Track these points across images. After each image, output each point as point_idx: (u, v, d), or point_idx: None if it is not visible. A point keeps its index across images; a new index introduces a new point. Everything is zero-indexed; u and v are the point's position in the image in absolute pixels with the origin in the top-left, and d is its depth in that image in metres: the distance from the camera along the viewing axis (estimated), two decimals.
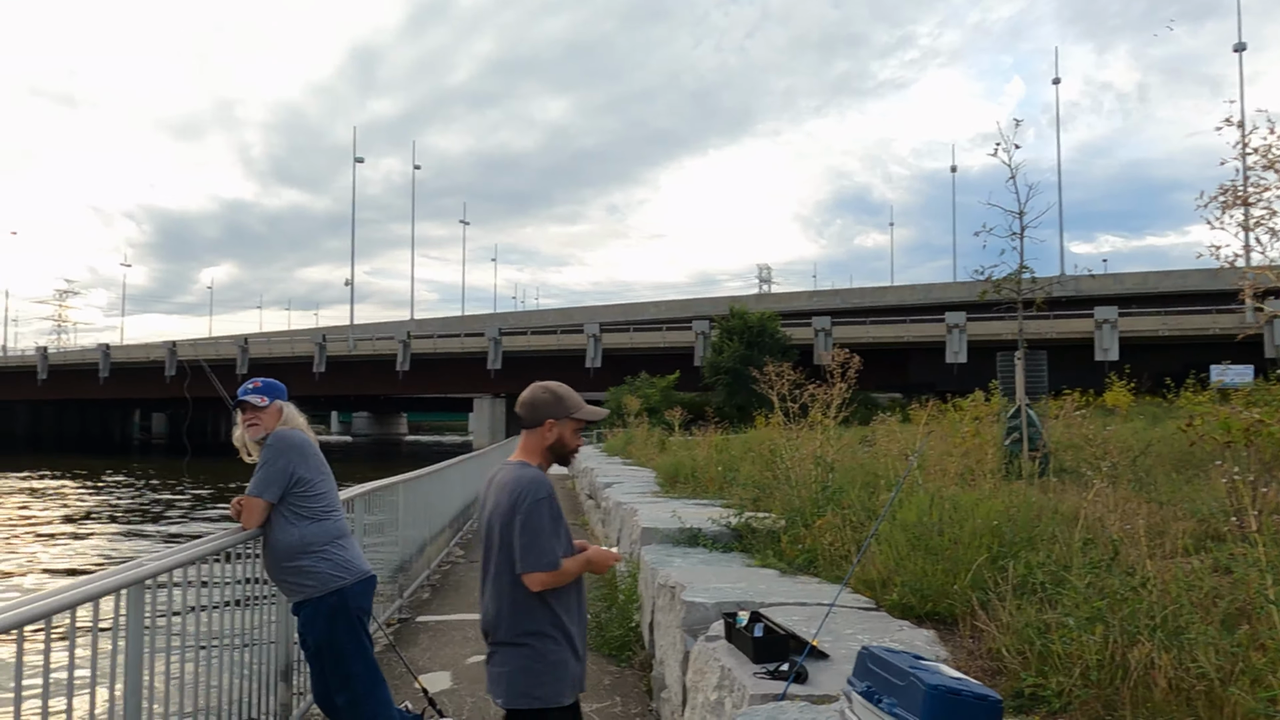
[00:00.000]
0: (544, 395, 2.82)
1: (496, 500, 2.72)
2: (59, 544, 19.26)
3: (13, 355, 76.49)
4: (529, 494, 2.64)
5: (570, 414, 2.82)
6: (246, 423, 3.81)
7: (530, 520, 2.61)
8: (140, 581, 2.88)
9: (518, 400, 2.90)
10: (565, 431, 2.81)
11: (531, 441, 2.81)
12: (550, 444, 2.80)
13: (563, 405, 2.81)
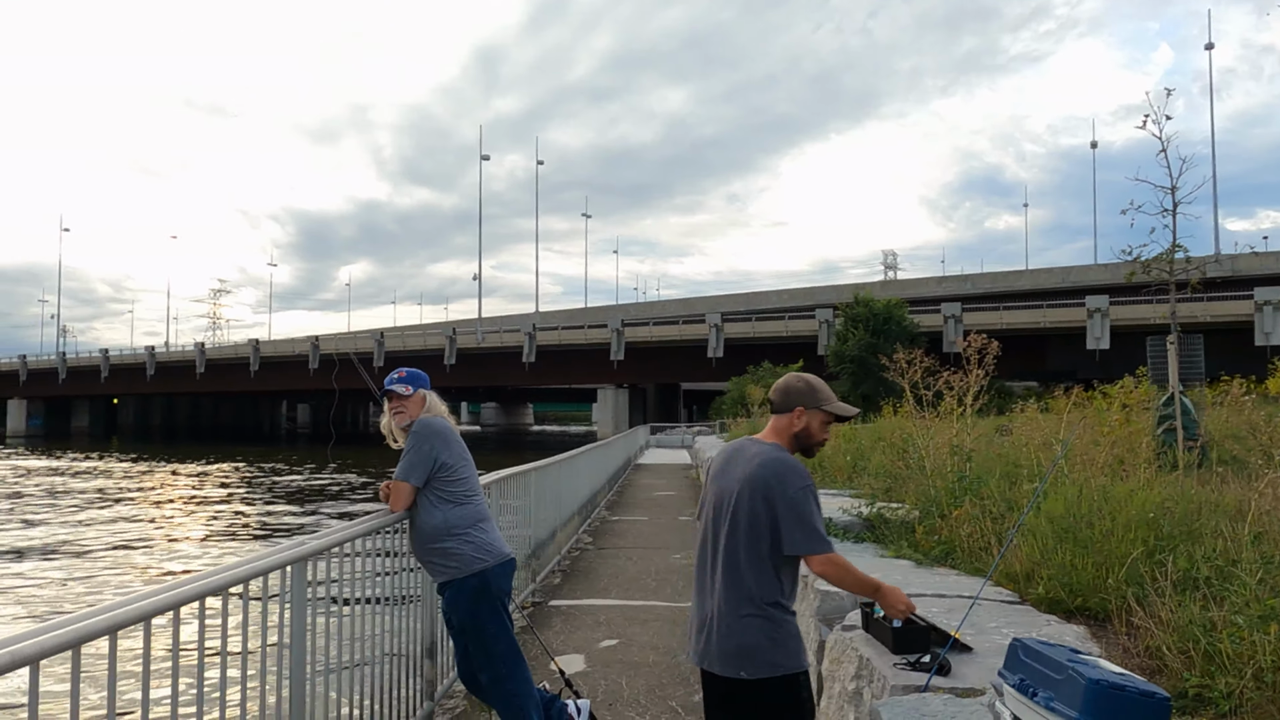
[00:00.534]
0: (798, 384, 2.87)
1: (746, 474, 2.73)
2: (225, 523, 20.67)
3: (175, 351, 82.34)
4: (795, 479, 2.66)
5: (821, 405, 2.83)
6: (393, 411, 3.98)
7: (801, 505, 2.63)
8: (303, 559, 3.06)
9: (772, 386, 2.95)
10: (813, 422, 2.82)
11: (780, 427, 2.84)
12: (797, 431, 2.81)
13: (815, 396, 2.83)
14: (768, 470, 2.68)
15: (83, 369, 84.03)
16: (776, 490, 2.64)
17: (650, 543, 11.13)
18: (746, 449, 2.85)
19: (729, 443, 3.05)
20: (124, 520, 21.23)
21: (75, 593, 12.98)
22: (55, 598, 12.60)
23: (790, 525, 2.62)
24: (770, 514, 2.64)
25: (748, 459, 2.78)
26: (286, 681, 3.00)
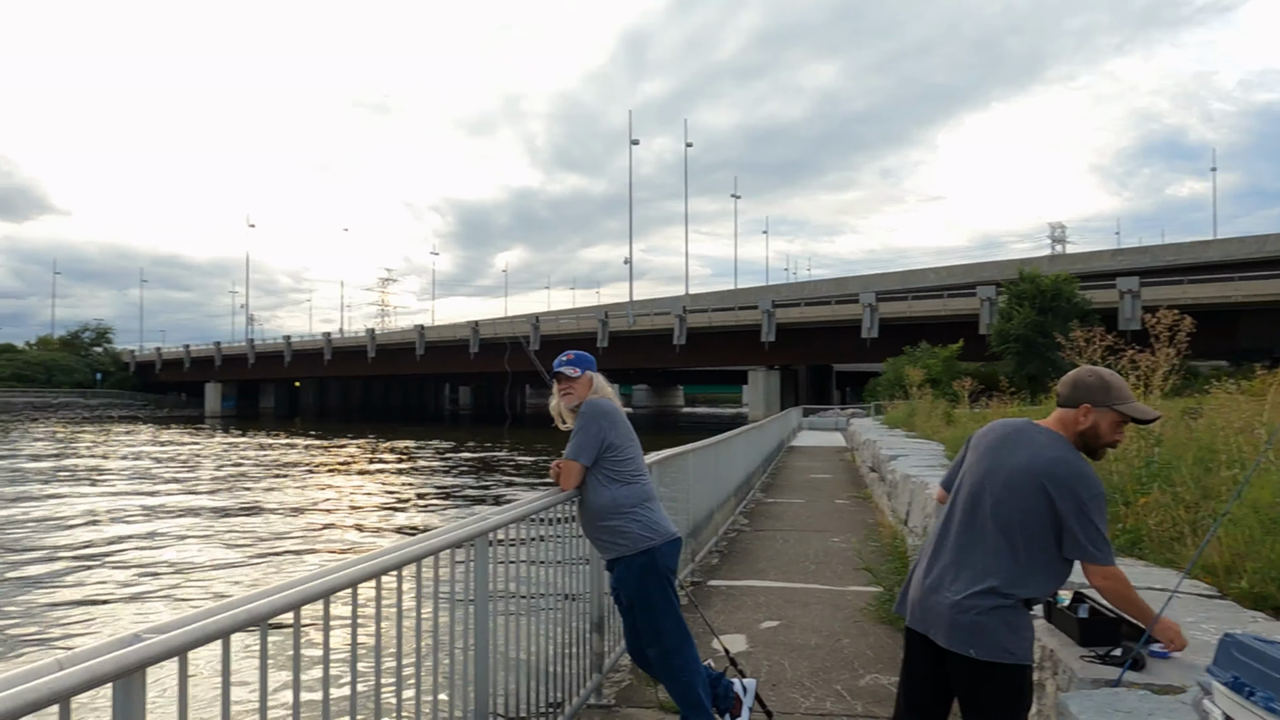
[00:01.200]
0: (1089, 378, 2.69)
1: (1029, 463, 2.63)
2: (407, 497, 21.92)
3: (348, 336, 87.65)
4: (1089, 486, 2.56)
5: (1113, 404, 2.63)
6: (561, 392, 4.11)
7: (1094, 514, 2.54)
8: (485, 534, 3.22)
9: (1062, 379, 2.81)
10: (1103, 422, 2.64)
11: (1065, 420, 2.71)
12: (1082, 430, 2.66)
13: (1108, 393, 2.63)
14: (1060, 469, 2.57)
15: (269, 354, 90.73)
16: (1068, 493, 2.54)
17: (808, 525, 11.02)
18: (1030, 434, 2.73)
19: (1001, 420, 2.93)
20: (317, 492, 22.86)
21: (267, 562, 14.08)
22: (260, 560, 13.72)
23: (1078, 532, 2.53)
24: (1052, 513, 2.56)
25: (1033, 447, 2.67)
26: (471, 648, 3.17)
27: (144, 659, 1.59)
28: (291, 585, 2.11)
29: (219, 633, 1.80)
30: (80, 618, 10.48)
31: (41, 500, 21.37)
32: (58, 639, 9.56)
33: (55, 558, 14.12)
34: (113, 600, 11.34)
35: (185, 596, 11.58)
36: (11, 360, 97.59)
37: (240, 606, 1.88)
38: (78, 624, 10.21)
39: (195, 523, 17.80)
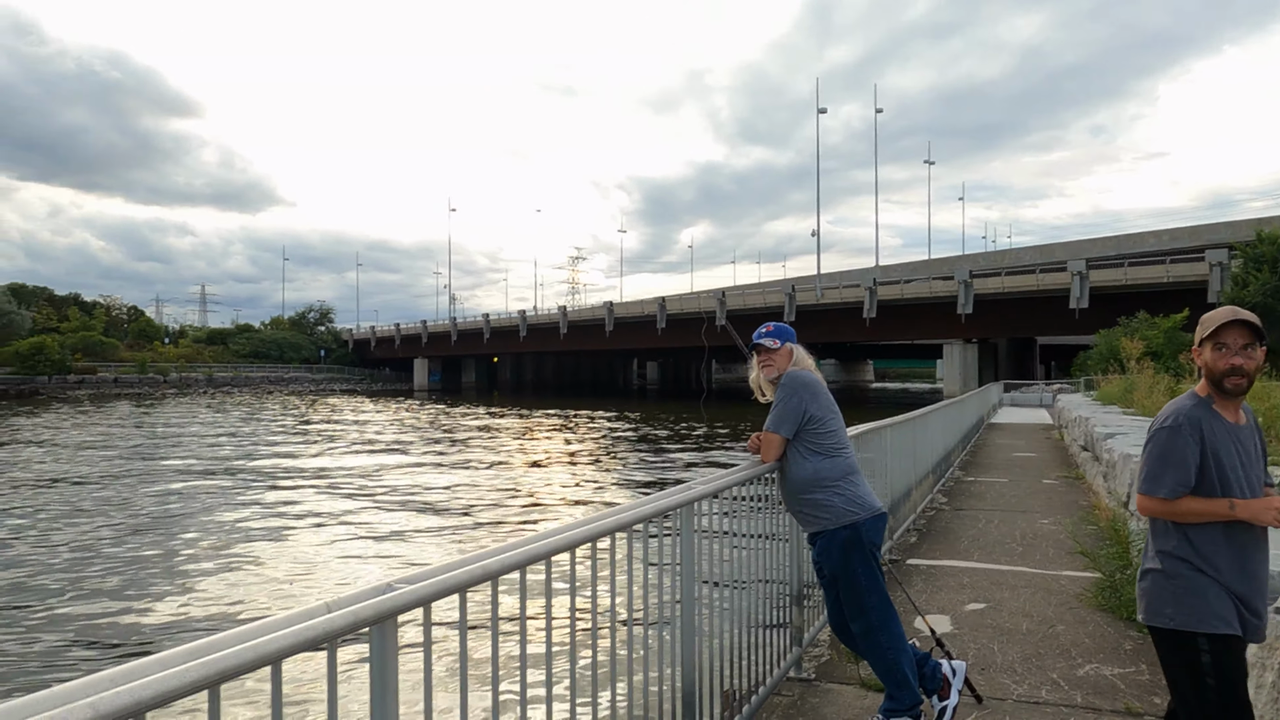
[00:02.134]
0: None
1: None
2: (601, 470, 22.68)
3: (541, 314, 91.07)
4: (1157, 420, 2.72)
5: (1201, 337, 2.71)
6: (761, 364, 4.09)
7: (1150, 446, 2.70)
8: (690, 504, 3.26)
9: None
10: (1204, 354, 2.70)
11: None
12: (1203, 370, 2.74)
13: (1200, 329, 2.71)
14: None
15: (469, 332, 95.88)
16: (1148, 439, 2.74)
17: (1012, 505, 10.48)
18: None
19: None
20: (517, 462, 24.06)
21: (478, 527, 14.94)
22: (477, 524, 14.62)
23: (1139, 470, 2.70)
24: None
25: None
26: (679, 617, 3.23)
27: (397, 606, 1.73)
28: (515, 546, 2.22)
29: (457, 586, 1.92)
30: (319, 564, 11.55)
31: (292, 459, 23.69)
32: (304, 580, 10.58)
33: (308, 514, 15.61)
34: (340, 556, 12.41)
35: (391, 554, 12.50)
36: (251, 339, 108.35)
37: (476, 562, 2.00)
38: (319, 570, 11.26)
39: (404, 485, 19.15)
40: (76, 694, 1.23)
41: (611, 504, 16.50)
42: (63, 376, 77.77)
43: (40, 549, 12.86)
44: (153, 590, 10.48)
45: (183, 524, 14.82)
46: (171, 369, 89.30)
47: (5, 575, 11.27)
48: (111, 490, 18.77)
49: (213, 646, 1.43)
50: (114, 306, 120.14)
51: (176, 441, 30.80)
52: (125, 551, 12.63)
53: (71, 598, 10.16)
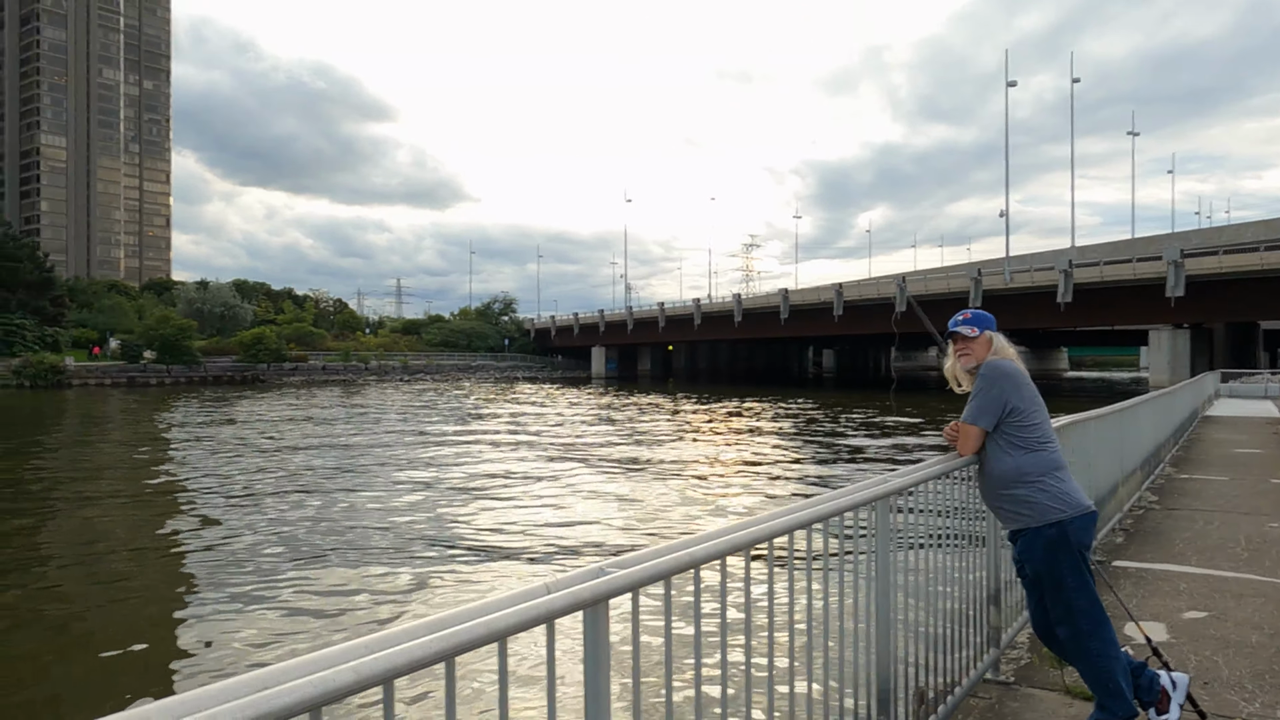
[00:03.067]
0: None
1: None
2: (783, 459, 22.58)
3: (716, 302, 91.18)
4: None
5: None
6: (958, 353, 3.93)
7: None
8: (885, 497, 3.20)
9: None
10: None
11: None
12: None
13: None
14: None
15: (645, 320, 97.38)
16: None
17: (1234, 506, 9.58)
18: None
19: None
20: (696, 448, 24.31)
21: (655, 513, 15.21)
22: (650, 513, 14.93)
23: None
24: None
25: None
26: (873, 612, 3.18)
27: (610, 590, 1.80)
28: (715, 536, 2.25)
29: (664, 573, 1.98)
30: (500, 538, 12.13)
31: (480, 444, 25.01)
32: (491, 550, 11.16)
33: (498, 495, 16.44)
34: (535, 532, 12.95)
35: (583, 537, 12.90)
36: (441, 329, 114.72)
37: (683, 550, 2.05)
38: (510, 545, 11.82)
39: (588, 469, 19.74)
40: (338, 659, 1.36)
41: (799, 495, 16.36)
42: (279, 364, 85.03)
43: (294, 522, 14.18)
44: (379, 556, 11.34)
45: (409, 496, 15.93)
46: (371, 357, 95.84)
47: (260, 538, 12.51)
48: (370, 459, 20.43)
49: (448, 621, 1.54)
50: (322, 300, 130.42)
51: (408, 418, 33.08)
52: (376, 520, 13.73)
53: (319, 564, 11.16)
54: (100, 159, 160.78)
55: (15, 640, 8.75)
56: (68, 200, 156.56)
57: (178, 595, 10.12)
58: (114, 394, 60.86)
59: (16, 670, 7.90)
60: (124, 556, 12.33)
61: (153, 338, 77.74)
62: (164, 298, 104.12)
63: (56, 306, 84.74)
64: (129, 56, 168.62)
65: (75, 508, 16.07)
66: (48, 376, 67.84)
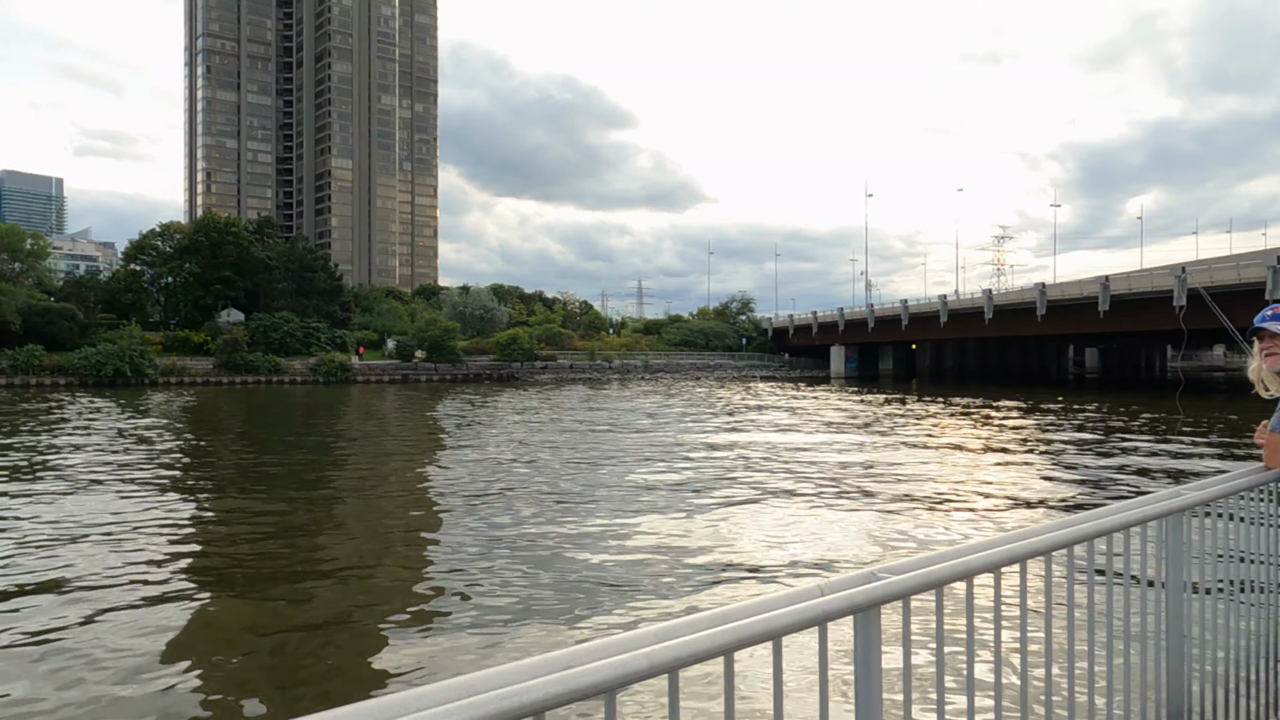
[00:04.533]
0: None
1: None
2: (1050, 467, 21.19)
3: (964, 299, 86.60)
4: None
5: None
6: (1264, 352, 3.52)
7: None
8: (1178, 512, 2.92)
9: None
10: None
11: None
12: None
13: None
14: None
15: (886, 318, 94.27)
16: None
17: None
18: None
19: None
20: (952, 454, 23.30)
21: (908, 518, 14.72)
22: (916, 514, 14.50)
23: None
24: None
25: None
26: (1164, 641, 2.91)
27: (884, 595, 1.79)
28: (990, 545, 2.16)
29: (936, 581, 1.93)
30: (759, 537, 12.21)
31: (743, 434, 25.41)
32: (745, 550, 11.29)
33: (767, 486, 16.65)
34: (791, 533, 12.96)
35: (836, 541, 12.72)
36: (680, 329, 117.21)
37: (956, 558, 2.00)
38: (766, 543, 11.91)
39: (839, 466, 19.42)
40: (631, 644, 1.45)
41: (1077, 507, 15.24)
42: (531, 363, 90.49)
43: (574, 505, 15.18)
44: (642, 538, 11.84)
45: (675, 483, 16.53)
46: (615, 356, 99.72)
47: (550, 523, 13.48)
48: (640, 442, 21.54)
49: (729, 616, 1.60)
50: (569, 301, 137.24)
51: (656, 419, 34.35)
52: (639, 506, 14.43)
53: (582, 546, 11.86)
54: (379, 177, 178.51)
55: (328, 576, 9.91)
56: (353, 216, 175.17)
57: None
58: (390, 389, 67.43)
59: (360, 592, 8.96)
60: (419, 540, 13.65)
61: (423, 338, 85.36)
62: (432, 302, 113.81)
63: (345, 311, 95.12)
64: (403, 83, 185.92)
65: (378, 483, 17.97)
66: (337, 373, 76.29)
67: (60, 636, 8.68)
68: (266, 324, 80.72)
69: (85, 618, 9.28)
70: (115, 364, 66.17)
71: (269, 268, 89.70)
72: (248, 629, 9.10)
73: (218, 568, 11.85)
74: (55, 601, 9.92)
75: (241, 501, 16.74)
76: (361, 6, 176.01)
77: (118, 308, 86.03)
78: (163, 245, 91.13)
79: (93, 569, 11.30)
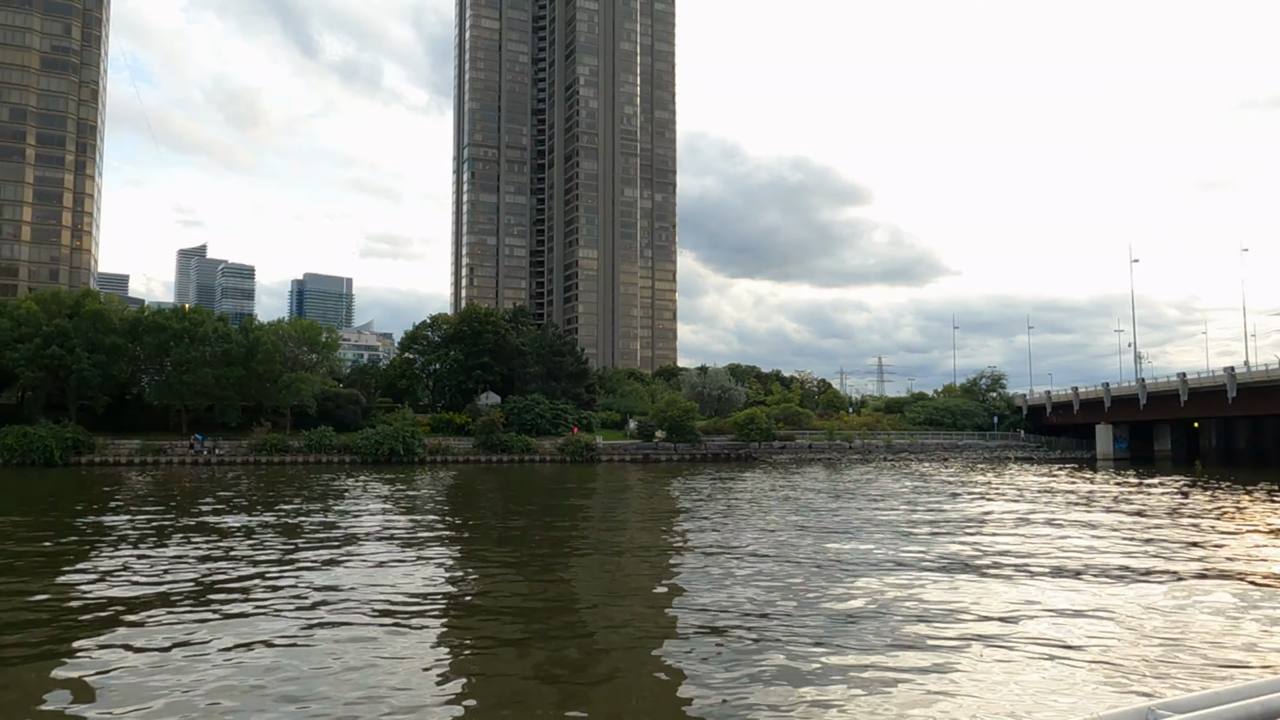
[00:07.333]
0: None
1: None
2: None
3: (1255, 370, 76.86)
4: None
5: None
6: None
7: None
8: None
9: None
10: None
11: None
12: None
13: None
14: None
15: (1160, 394, 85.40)
16: None
17: None
18: None
19: None
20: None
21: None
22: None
23: None
24: None
25: None
26: None
27: None
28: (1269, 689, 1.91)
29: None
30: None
31: (1007, 535, 23.91)
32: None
33: (1037, 598, 15.55)
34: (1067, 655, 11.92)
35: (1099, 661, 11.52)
36: (924, 407, 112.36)
37: (1253, 697, 1.78)
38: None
39: (1121, 572, 17.64)
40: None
41: None
42: (768, 442, 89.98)
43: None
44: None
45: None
46: (854, 436, 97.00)
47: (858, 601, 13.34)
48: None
49: None
50: (806, 380, 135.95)
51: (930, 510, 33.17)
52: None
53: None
54: (621, 265, 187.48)
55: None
56: (597, 302, 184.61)
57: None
58: (632, 468, 69.36)
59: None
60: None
61: (663, 419, 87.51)
62: (671, 382, 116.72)
63: (590, 393, 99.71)
64: (643, 175, 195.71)
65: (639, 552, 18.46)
66: (583, 453, 79.65)
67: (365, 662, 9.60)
68: (520, 406, 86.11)
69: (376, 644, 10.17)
70: (391, 444, 72.90)
71: (522, 353, 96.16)
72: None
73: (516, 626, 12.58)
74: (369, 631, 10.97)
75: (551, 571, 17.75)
76: (607, 108, 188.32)
77: (394, 392, 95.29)
78: (432, 335, 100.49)
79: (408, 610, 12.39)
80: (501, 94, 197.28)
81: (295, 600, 14.72)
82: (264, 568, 18.02)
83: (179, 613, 13.72)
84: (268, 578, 16.84)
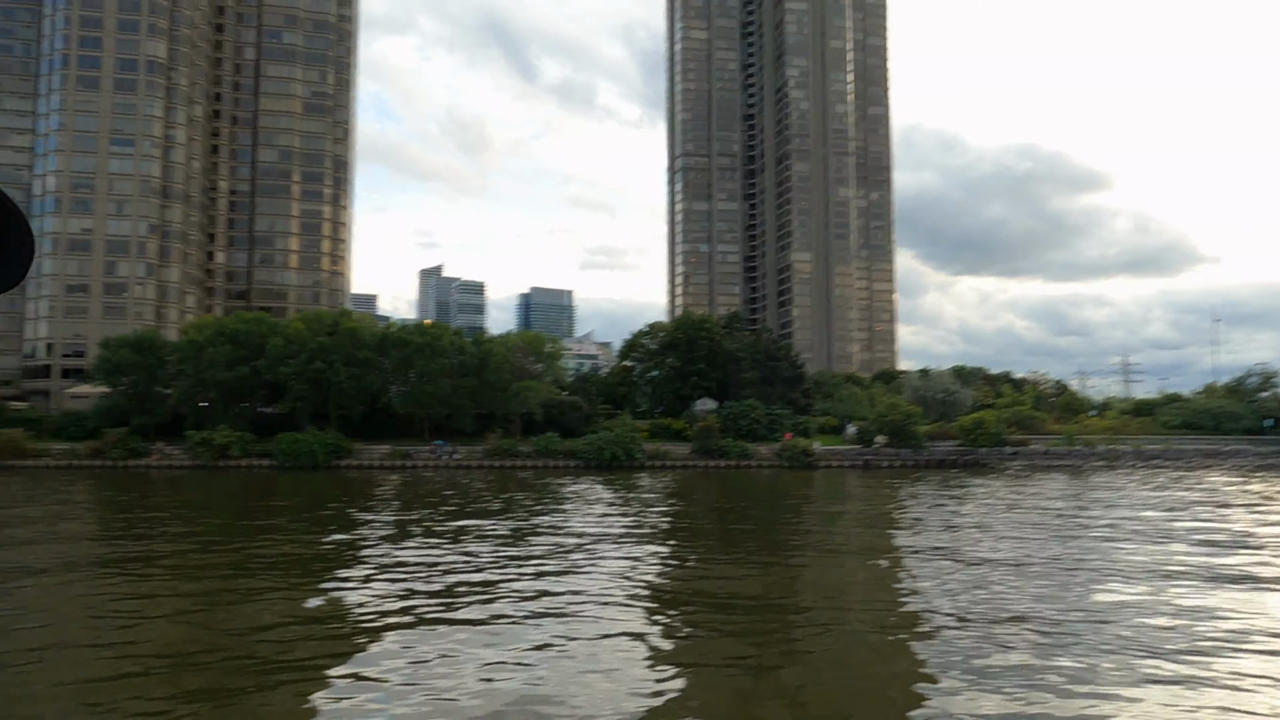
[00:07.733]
0: None
1: None
2: None
3: None
4: None
5: None
6: None
7: None
8: None
9: None
10: None
11: None
12: None
13: None
14: None
15: None
16: None
17: None
18: None
19: None
20: None
21: None
22: None
23: None
24: None
25: None
26: None
27: None
28: None
29: None
30: None
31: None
32: None
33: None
34: None
35: None
36: (1181, 409, 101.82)
37: None
38: None
39: None
40: None
41: None
42: (998, 448, 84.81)
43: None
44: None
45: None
46: (1097, 441, 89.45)
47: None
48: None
49: None
50: (1040, 382, 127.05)
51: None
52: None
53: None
54: (836, 267, 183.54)
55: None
56: (812, 305, 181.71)
57: None
58: (851, 475, 67.64)
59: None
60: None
61: (883, 423, 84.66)
62: (891, 386, 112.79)
63: (805, 398, 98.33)
64: (858, 174, 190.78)
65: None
66: (800, 459, 78.56)
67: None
68: (735, 411, 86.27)
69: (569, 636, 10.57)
70: (613, 449, 75.30)
71: (737, 359, 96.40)
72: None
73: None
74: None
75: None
76: (818, 108, 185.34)
77: (613, 399, 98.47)
78: (648, 343, 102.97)
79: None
80: (712, 102, 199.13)
81: (552, 599, 15.60)
82: (535, 564, 19.46)
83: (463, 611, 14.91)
84: (544, 574, 18.14)
